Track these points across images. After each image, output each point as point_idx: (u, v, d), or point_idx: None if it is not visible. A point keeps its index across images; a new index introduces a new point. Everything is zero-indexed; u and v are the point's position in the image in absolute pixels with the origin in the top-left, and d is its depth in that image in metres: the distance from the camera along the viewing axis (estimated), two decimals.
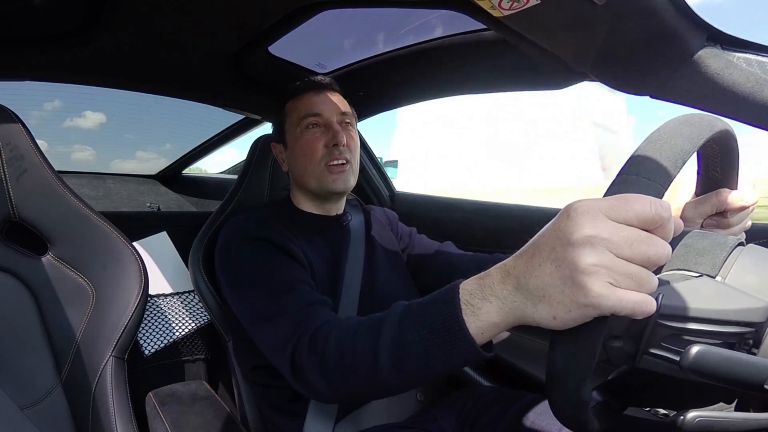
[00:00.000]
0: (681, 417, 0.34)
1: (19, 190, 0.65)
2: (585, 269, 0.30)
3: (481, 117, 20.91)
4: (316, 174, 0.79)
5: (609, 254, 0.30)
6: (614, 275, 0.30)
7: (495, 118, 20.67)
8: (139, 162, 1.73)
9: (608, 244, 0.30)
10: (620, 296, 0.30)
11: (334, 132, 0.78)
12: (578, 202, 0.32)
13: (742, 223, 0.52)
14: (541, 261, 0.33)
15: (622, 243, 0.30)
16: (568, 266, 0.31)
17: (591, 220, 0.31)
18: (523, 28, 0.52)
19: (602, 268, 0.30)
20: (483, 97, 1.31)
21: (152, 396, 0.90)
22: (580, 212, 0.31)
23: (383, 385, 0.48)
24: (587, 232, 0.30)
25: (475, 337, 0.38)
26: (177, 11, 0.74)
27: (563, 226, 0.32)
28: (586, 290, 0.30)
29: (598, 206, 0.31)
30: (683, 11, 0.45)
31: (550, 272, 0.32)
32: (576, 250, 0.31)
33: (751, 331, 0.34)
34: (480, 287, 0.38)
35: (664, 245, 0.31)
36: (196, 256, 0.87)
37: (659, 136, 0.36)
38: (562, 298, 0.32)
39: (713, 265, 0.38)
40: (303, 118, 0.80)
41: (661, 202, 0.31)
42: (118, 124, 1.46)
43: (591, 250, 0.30)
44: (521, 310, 0.35)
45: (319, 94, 0.82)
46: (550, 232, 0.33)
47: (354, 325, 0.51)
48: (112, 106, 1.32)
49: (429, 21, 0.86)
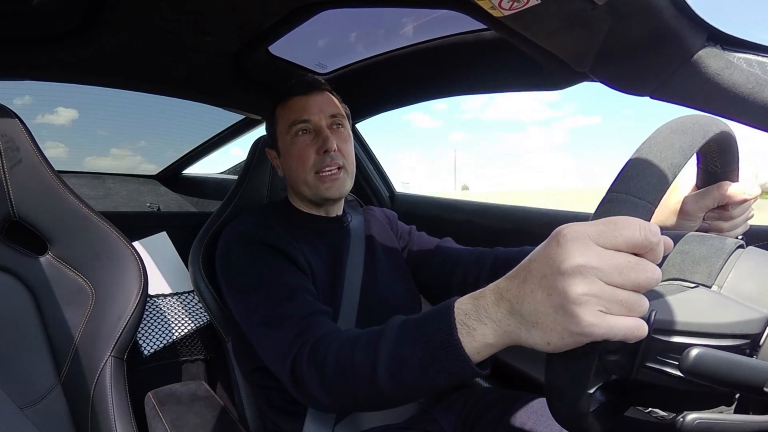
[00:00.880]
0: (680, 419, 0.34)
1: (19, 189, 0.65)
2: (575, 299, 0.30)
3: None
4: (309, 182, 0.78)
5: (599, 282, 0.30)
6: (605, 303, 0.30)
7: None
8: (113, 159, 1.71)
9: (598, 273, 0.30)
10: (611, 324, 0.30)
11: (324, 138, 0.77)
12: (567, 228, 0.32)
13: (744, 215, 0.51)
14: (533, 288, 0.33)
15: (612, 270, 0.30)
16: (558, 295, 0.31)
17: (580, 247, 0.31)
18: (523, 28, 0.52)
19: (592, 297, 0.30)
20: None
21: (151, 396, 0.90)
22: (569, 239, 0.31)
23: (382, 398, 0.48)
24: (577, 261, 0.31)
25: (471, 357, 0.39)
26: (177, 11, 0.74)
27: (553, 254, 0.32)
28: (577, 320, 0.30)
29: (587, 232, 0.31)
30: (683, 11, 0.45)
31: (541, 300, 0.33)
32: (566, 280, 0.31)
33: (747, 342, 0.34)
34: (475, 308, 0.38)
35: (654, 269, 0.31)
36: (195, 257, 0.87)
37: (649, 148, 0.35)
38: (555, 326, 0.32)
39: (709, 273, 0.37)
40: (292, 125, 0.78)
41: (650, 226, 0.31)
42: (91, 120, 1.43)
43: (581, 280, 0.30)
44: (516, 333, 0.35)
45: (308, 97, 0.79)
46: (541, 259, 0.33)
47: (353, 338, 0.52)
48: (84, 103, 1.29)
49: (429, 21, 0.86)
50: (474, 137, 72.71)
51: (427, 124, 20.94)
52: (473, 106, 21.12)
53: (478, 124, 59.59)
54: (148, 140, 1.63)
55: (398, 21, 0.89)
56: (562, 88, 0.86)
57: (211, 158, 1.71)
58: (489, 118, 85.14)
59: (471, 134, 74.86)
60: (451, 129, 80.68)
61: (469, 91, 1.09)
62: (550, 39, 0.54)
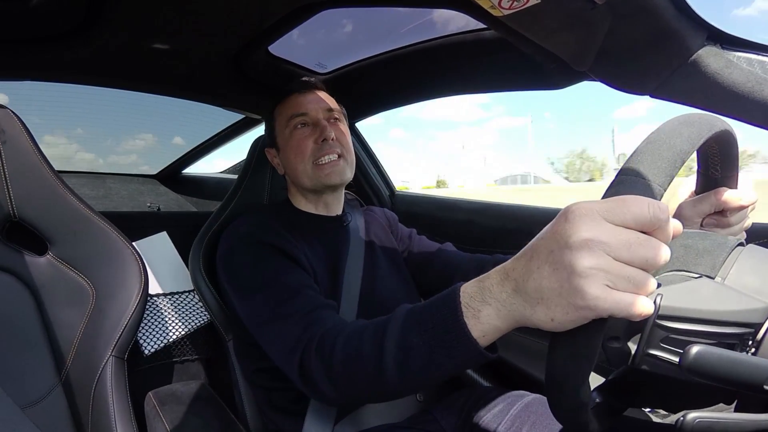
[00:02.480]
0: (680, 418, 0.34)
1: (20, 190, 0.65)
2: (582, 272, 0.30)
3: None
4: (308, 171, 0.79)
5: (606, 257, 0.30)
6: (611, 278, 0.30)
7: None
8: (47, 146, 1.67)
9: (606, 247, 0.30)
10: (617, 299, 0.30)
11: (322, 128, 0.79)
12: (576, 205, 0.32)
13: (741, 222, 0.51)
14: (539, 264, 0.33)
15: (620, 246, 0.30)
16: (565, 269, 0.31)
17: (589, 222, 0.31)
18: (524, 28, 0.52)
19: (599, 271, 0.30)
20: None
21: (152, 396, 0.90)
22: (577, 215, 0.31)
23: (389, 388, 0.48)
24: (585, 235, 0.30)
25: (478, 340, 0.38)
26: (177, 11, 0.74)
27: (561, 229, 0.32)
28: (582, 293, 0.30)
29: (596, 209, 0.31)
30: (683, 10, 0.45)
31: (547, 275, 0.32)
32: (573, 253, 0.31)
33: (750, 332, 0.34)
34: (480, 290, 0.38)
35: (662, 247, 0.31)
36: (196, 256, 0.87)
37: (658, 136, 0.36)
38: (560, 301, 0.32)
39: (713, 265, 0.38)
40: (291, 119, 0.81)
41: (659, 204, 0.30)
42: (23, 105, 1.33)
43: (588, 253, 0.30)
44: (520, 312, 0.35)
45: (305, 94, 0.83)
46: (549, 235, 0.33)
47: (359, 329, 0.52)
48: (14, 88, 1.22)
49: (429, 21, 0.86)
50: (412, 134, 76.22)
51: (368, 120, 21.38)
52: (411, 105, 21.54)
53: (416, 123, 65.16)
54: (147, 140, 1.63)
55: (398, 21, 0.89)
56: (562, 88, 0.86)
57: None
58: (426, 117, 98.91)
59: (409, 132, 78.05)
60: (391, 126, 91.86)
61: (468, 90, 1.09)
62: (550, 38, 0.54)
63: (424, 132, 71.95)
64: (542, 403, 0.70)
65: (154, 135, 1.63)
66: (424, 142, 69.05)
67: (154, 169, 1.75)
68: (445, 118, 64.12)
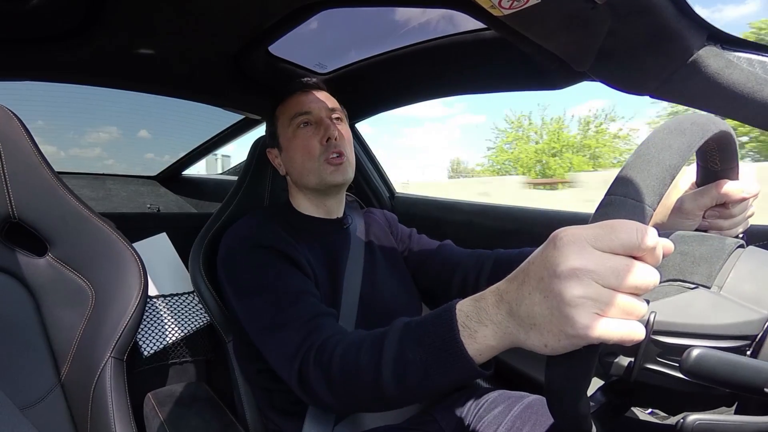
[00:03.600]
0: (680, 420, 0.34)
1: (19, 191, 0.65)
2: (570, 301, 0.30)
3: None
4: (315, 169, 0.79)
5: (595, 285, 0.30)
6: (601, 306, 0.30)
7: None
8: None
9: (594, 275, 0.30)
10: (606, 327, 0.30)
11: (326, 127, 0.79)
12: (564, 231, 0.32)
13: (743, 213, 0.51)
14: (531, 290, 0.33)
15: (608, 273, 0.30)
16: (554, 298, 0.31)
17: (577, 250, 0.31)
18: (523, 28, 0.52)
19: (588, 300, 0.30)
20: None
21: (151, 397, 0.90)
22: (565, 242, 0.31)
23: (387, 400, 0.48)
24: (573, 264, 0.31)
25: (474, 358, 0.39)
26: (177, 12, 0.74)
27: (550, 257, 0.32)
28: (572, 322, 0.30)
29: (584, 235, 0.31)
30: (683, 10, 0.45)
31: (538, 302, 0.33)
32: (562, 283, 0.31)
33: (747, 343, 0.34)
34: (476, 310, 0.39)
35: (651, 273, 0.31)
36: (196, 258, 0.87)
37: (647, 149, 0.35)
38: (551, 328, 0.32)
39: (709, 274, 0.37)
40: (293, 118, 0.81)
41: (647, 229, 0.30)
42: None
43: (577, 283, 0.30)
44: (515, 335, 0.35)
45: (307, 94, 0.83)
46: (539, 261, 0.33)
47: (357, 341, 0.52)
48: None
49: (429, 21, 0.86)
50: (378, 130, 73.15)
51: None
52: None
53: (382, 119, 59.73)
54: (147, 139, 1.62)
55: (398, 21, 0.89)
56: (562, 88, 0.86)
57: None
58: (391, 113, 76.33)
59: (376, 128, 75.35)
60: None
61: (468, 90, 1.09)
62: (550, 38, 0.53)
63: (389, 128, 70.88)
64: (543, 404, 0.69)
65: (119, 128, 1.62)
66: (389, 139, 68.34)
67: (118, 165, 1.73)
68: (409, 115, 62.99)
